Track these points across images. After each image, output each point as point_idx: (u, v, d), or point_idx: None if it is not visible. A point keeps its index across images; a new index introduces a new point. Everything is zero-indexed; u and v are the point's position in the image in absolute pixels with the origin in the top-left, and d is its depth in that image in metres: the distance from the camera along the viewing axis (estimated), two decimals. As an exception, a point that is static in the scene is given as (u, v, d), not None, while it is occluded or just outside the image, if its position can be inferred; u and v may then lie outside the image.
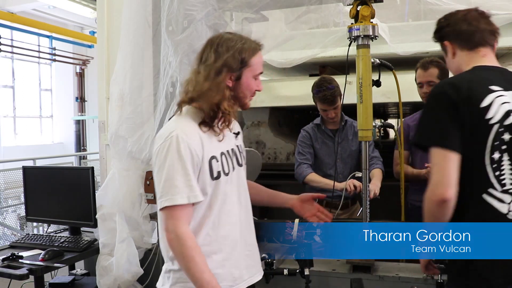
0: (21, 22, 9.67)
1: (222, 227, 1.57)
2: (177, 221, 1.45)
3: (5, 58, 10.69)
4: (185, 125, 1.52)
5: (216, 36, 1.61)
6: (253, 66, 1.58)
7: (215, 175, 1.54)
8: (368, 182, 2.30)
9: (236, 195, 1.64)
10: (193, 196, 1.47)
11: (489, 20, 1.70)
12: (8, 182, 6.52)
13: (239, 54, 1.54)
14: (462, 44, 1.70)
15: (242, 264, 1.63)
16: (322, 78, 2.95)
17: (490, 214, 1.49)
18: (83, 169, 3.65)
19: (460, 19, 1.70)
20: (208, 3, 2.25)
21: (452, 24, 1.72)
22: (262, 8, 2.44)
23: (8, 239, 6.10)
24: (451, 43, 1.72)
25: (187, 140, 1.47)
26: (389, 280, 2.21)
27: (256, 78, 1.62)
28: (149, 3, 2.22)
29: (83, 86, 12.60)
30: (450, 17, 1.75)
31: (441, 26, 1.76)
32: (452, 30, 1.71)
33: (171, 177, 1.45)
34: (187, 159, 1.46)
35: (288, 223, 2.47)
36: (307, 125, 3.09)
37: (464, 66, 1.69)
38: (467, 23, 1.68)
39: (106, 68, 2.58)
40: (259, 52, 1.61)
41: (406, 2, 2.90)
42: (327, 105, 2.87)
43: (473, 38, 1.67)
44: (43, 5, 10.11)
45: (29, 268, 2.21)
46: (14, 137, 11.11)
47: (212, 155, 1.54)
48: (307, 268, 2.03)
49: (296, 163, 2.98)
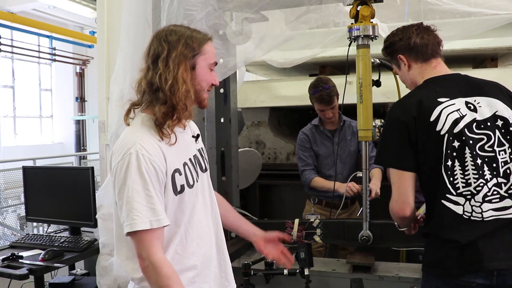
0: (21, 22, 9.67)
1: (190, 243, 1.48)
2: (149, 248, 1.33)
3: (5, 58, 10.69)
4: (144, 137, 1.38)
5: (161, 30, 1.51)
6: (206, 54, 1.48)
7: (178, 190, 1.43)
8: (368, 181, 2.30)
9: (202, 204, 1.54)
10: (156, 220, 1.33)
11: (435, 33, 1.86)
12: (8, 182, 6.53)
13: (191, 41, 1.45)
14: (417, 57, 1.84)
15: (213, 278, 1.56)
16: (318, 78, 2.96)
17: (449, 217, 1.63)
18: (83, 169, 3.65)
19: (412, 33, 1.84)
20: (208, 3, 2.24)
21: (405, 38, 1.85)
22: (262, 8, 2.44)
23: (8, 239, 6.11)
24: (406, 57, 1.86)
25: (148, 156, 1.34)
26: (389, 280, 2.21)
27: (211, 69, 1.52)
28: (149, 3, 2.22)
29: (83, 86, 12.61)
30: (401, 32, 1.89)
31: (394, 41, 1.90)
32: (407, 44, 1.85)
33: (132, 200, 1.32)
34: (150, 178, 1.33)
35: (288, 223, 2.48)
36: (305, 127, 3.09)
37: (418, 78, 1.85)
38: (419, 37, 1.83)
39: (106, 68, 2.57)
40: (210, 42, 1.52)
41: (406, 2, 2.90)
42: (324, 105, 2.87)
43: (426, 50, 1.82)
44: (43, 5, 10.11)
45: (29, 268, 2.21)
46: (14, 137, 11.12)
47: (175, 168, 1.42)
48: (307, 268, 2.03)
49: (299, 170, 3.01)
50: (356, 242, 2.31)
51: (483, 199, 1.60)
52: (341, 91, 2.37)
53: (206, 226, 1.55)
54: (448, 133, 1.65)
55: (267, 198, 4.34)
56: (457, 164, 1.64)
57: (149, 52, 1.47)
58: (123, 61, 2.19)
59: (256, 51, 2.64)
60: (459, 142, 1.64)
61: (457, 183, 1.62)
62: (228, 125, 2.81)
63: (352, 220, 2.48)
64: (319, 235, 2.40)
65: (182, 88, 1.41)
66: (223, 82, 2.70)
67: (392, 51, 1.91)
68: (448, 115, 1.67)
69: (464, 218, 1.60)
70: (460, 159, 1.64)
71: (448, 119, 1.67)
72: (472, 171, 1.62)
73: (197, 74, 1.47)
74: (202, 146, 1.67)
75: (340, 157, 2.93)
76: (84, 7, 9.96)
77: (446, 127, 1.66)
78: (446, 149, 1.64)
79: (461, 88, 1.75)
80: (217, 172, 2.76)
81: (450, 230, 1.62)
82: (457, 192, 1.62)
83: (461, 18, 2.54)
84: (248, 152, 3.48)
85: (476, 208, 1.59)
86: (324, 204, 3.01)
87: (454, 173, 1.63)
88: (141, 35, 2.17)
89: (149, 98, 1.44)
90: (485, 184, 1.60)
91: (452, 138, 1.65)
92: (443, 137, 1.65)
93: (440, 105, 1.69)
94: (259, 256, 2.25)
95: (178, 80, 1.41)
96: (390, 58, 1.96)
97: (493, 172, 1.62)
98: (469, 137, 1.65)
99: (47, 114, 12.29)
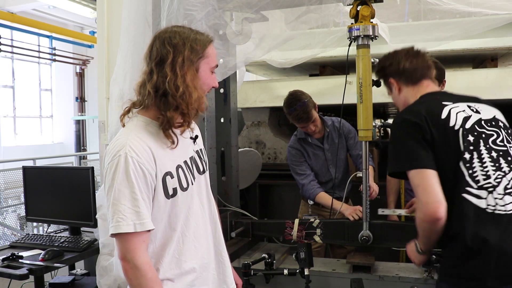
0: (21, 22, 9.66)
1: (187, 246, 1.46)
2: (133, 250, 1.32)
3: (5, 58, 10.69)
4: (135, 140, 1.37)
5: (163, 31, 1.48)
6: (209, 57, 1.47)
7: (170, 193, 1.41)
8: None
9: (199, 206, 1.52)
10: (140, 224, 1.32)
11: (425, 56, 1.91)
12: (8, 182, 6.52)
13: (195, 44, 1.43)
14: (406, 81, 1.89)
15: (212, 281, 1.55)
16: (291, 95, 2.83)
17: (472, 211, 1.57)
18: (83, 169, 3.64)
19: (401, 58, 1.90)
20: (208, 3, 2.24)
21: (395, 63, 1.91)
22: (262, 8, 2.44)
23: (8, 239, 6.10)
24: (396, 81, 1.89)
25: (137, 158, 1.33)
26: (389, 280, 2.21)
27: (212, 72, 1.50)
28: (149, 3, 2.22)
29: (83, 86, 12.61)
30: (391, 56, 1.94)
31: (384, 66, 1.96)
32: (396, 68, 1.90)
33: (117, 202, 1.32)
34: (137, 181, 1.33)
35: (288, 223, 2.48)
36: (292, 141, 2.98)
37: (411, 99, 1.87)
38: (408, 62, 1.88)
39: (106, 68, 2.57)
40: (212, 44, 1.50)
41: (406, 2, 2.90)
42: (303, 123, 2.79)
43: (415, 74, 1.88)
44: (43, 5, 10.11)
45: (29, 268, 2.21)
46: (14, 137, 11.11)
47: (167, 171, 1.41)
48: (307, 268, 2.03)
49: (298, 184, 2.91)
50: (356, 242, 2.30)
51: (505, 191, 1.57)
52: (341, 91, 2.36)
53: (203, 229, 1.54)
54: (462, 128, 1.65)
55: (267, 198, 4.35)
56: (476, 157, 1.62)
57: (151, 54, 1.44)
58: (123, 61, 2.19)
59: (256, 51, 2.64)
60: (473, 136, 1.64)
61: (477, 176, 1.60)
62: (228, 125, 2.81)
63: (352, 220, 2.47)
64: (319, 235, 2.40)
65: (195, 95, 1.42)
66: (223, 82, 2.70)
67: (383, 75, 1.99)
68: (458, 113, 1.69)
69: (488, 212, 1.56)
70: (477, 151, 1.62)
71: (458, 116, 1.68)
72: (489, 163, 1.61)
73: (199, 77, 1.45)
74: (202, 147, 1.65)
75: (332, 163, 2.90)
76: (84, 7, 9.96)
77: (458, 122, 1.66)
78: (463, 142, 1.63)
79: (459, 97, 1.80)
80: (217, 172, 2.76)
81: (475, 226, 1.54)
82: (477, 185, 1.59)
83: (461, 18, 2.54)
84: (248, 152, 3.48)
85: (499, 201, 1.56)
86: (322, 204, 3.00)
87: (472, 165, 1.61)
88: (141, 35, 2.17)
89: (153, 102, 1.42)
90: (503, 176, 1.60)
91: (466, 132, 1.65)
92: (457, 132, 1.64)
93: (447, 106, 1.71)
94: (259, 256, 2.25)
95: (190, 87, 1.40)
96: (383, 82, 2.02)
97: (510, 165, 1.62)
98: (481, 132, 1.66)
99: (47, 114, 12.29)
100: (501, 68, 3.97)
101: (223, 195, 2.77)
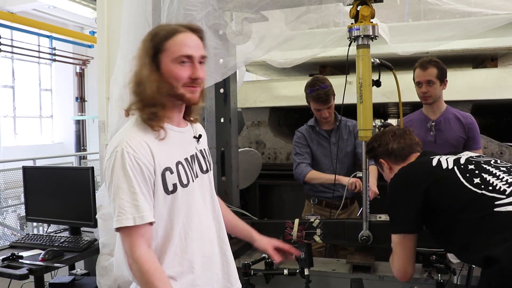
0: (21, 22, 9.67)
1: (190, 244, 1.46)
2: (133, 244, 1.34)
3: (5, 58, 10.70)
4: (132, 136, 1.40)
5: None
6: (168, 50, 1.42)
7: (170, 189, 1.42)
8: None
9: (202, 205, 1.53)
10: (140, 217, 1.34)
11: (412, 135, 2.03)
12: (8, 182, 6.53)
13: (151, 41, 1.44)
14: (396, 159, 2.00)
15: (215, 280, 1.54)
16: (315, 77, 2.95)
17: (508, 219, 1.52)
18: (83, 169, 3.64)
19: (389, 139, 1.99)
20: (208, 3, 2.24)
21: (383, 144, 2.00)
22: (262, 8, 2.44)
23: (8, 239, 6.11)
24: (386, 161, 2.02)
25: (133, 153, 1.36)
26: (389, 280, 2.21)
27: (182, 62, 1.43)
28: (149, 3, 2.22)
29: (83, 86, 12.62)
30: (379, 138, 2.03)
31: (373, 147, 2.06)
32: (385, 150, 2.01)
33: (116, 197, 1.35)
34: (134, 175, 1.34)
35: (288, 223, 2.48)
36: (301, 127, 3.07)
37: None
38: (396, 142, 1.98)
39: (106, 68, 2.57)
40: (178, 35, 1.44)
41: (406, 2, 2.90)
42: (321, 104, 2.86)
43: (404, 152, 1.98)
44: (43, 5, 10.12)
45: (29, 268, 2.21)
46: (14, 137, 11.12)
47: (166, 167, 1.41)
48: (307, 268, 2.03)
49: (294, 163, 2.97)
50: (356, 242, 2.30)
51: None
52: (341, 91, 2.36)
53: (207, 228, 1.53)
54: (457, 166, 1.74)
55: (267, 198, 4.35)
56: (486, 176, 1.66)
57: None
58: (123, 61, 2.19)
59: (256, 51, 2.63)
60: (472, 165, 1.71)
61: (499, 188, 1.59)
62: (228, 125, 2.81)
63: (352, 220, 2.48)
64: (319, 235, 2.40)
65: (153, 87, 1.41)
66: (223, 82, 2.70)
67: (373, 156, 2.08)
68: (447, 159, 1.80)
69: None
70: (485, 172, 1.67)
71: (448, 160, 1.79)
72: (504, 174, 1.64)
73: (162, 72, 1.43)
74: (206, 147, 1.65)
75: (337, 157, 2.91)
76: (84, 7, 9.97)
77: (450, 164, 1.76)
78: (465, 174, 1.69)
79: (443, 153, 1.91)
80: (217, 172, 2.76)
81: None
82: (505, 194, 1.57)
83: (461, 18, 2.54)
84: (248, 152, 3.48)
85: None
86: (324, 204, 3.01)
87: (489, 182, 1.62)
88: (141, 35, 2.15)
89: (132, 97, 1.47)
90: None
91: (463, 166, 1.72)
92: (452, 170, 1.72)
93: (434, 157, 1.83)
94: (259, 256, 2.25)
95: (143, 80, 1.42)
96: (374, 161, 2.12)
97: None
98: (478, 160, 1.74)
99: (47, 114, 12.29)
100: (501, 68, 3.97)
101: (223, 195, 2.77)
